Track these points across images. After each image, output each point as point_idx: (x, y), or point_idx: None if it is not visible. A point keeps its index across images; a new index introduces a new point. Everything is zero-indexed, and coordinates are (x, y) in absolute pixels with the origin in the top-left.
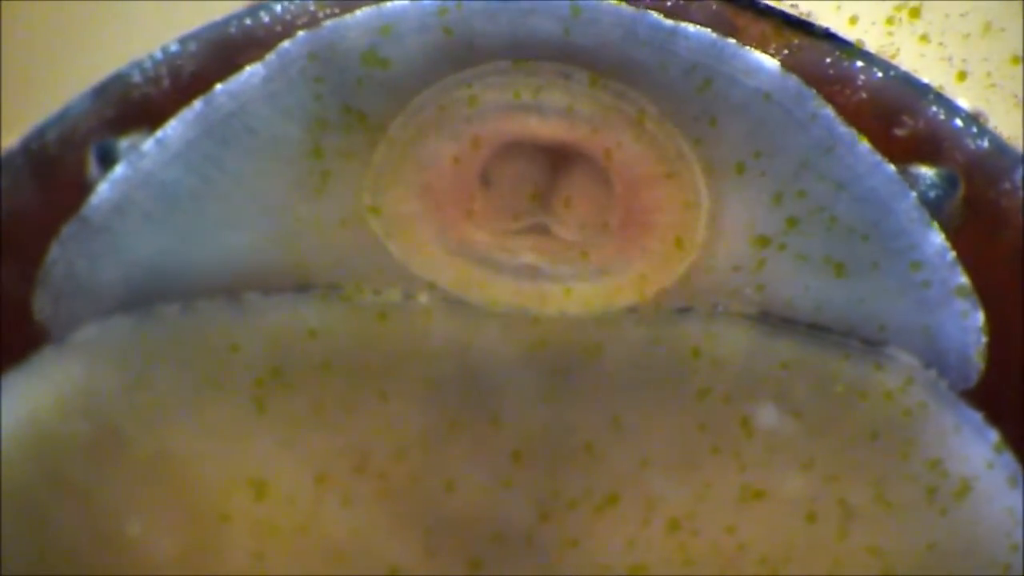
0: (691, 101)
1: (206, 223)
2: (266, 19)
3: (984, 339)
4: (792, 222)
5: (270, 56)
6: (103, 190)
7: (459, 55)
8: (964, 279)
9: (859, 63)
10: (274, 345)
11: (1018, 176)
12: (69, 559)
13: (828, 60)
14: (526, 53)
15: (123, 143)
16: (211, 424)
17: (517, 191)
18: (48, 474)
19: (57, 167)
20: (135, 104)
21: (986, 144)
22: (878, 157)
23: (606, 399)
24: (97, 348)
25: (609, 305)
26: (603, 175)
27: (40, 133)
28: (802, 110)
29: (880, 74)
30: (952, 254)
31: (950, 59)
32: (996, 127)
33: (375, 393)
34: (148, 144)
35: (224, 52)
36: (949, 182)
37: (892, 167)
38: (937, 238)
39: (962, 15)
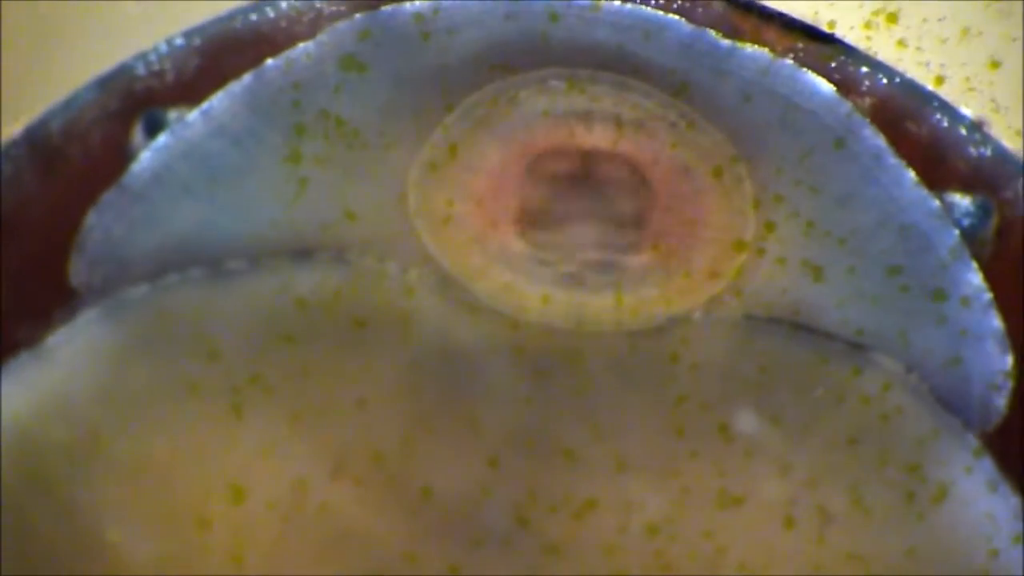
0: (742, 120)
1: (244, 197)
2: (271, 14)
3: (1010, 383)
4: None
5: (320, 35)
6: (144, 158)
7: (437, 60)
8: (998, 322)
9: (864, 69)
10: (253, 350)
11: (1019, 185)
12: (49, 562)
13: (833, 65)
14: (516, 57)
15: (172, 113)
16: (189, 429)
17: (560, 202)
18: (29, 478)
19: (60, 157)
20: (139, 96)
21: (989, 152)
22: (924, 191)
23: (585, 404)
24: (72, 350)
25: (666, 311)
26: (645, 185)
27: (43, 123)
28: (853, 137)
29: (885, 80)
30: (988, 295)
31: (927, 64)
32: None
33: (353, 399)
34: (193, 115)
35: (229, 47)
36: (984, 210)
37: (936, 202)
38: (976, 277)
39: (939, 20)
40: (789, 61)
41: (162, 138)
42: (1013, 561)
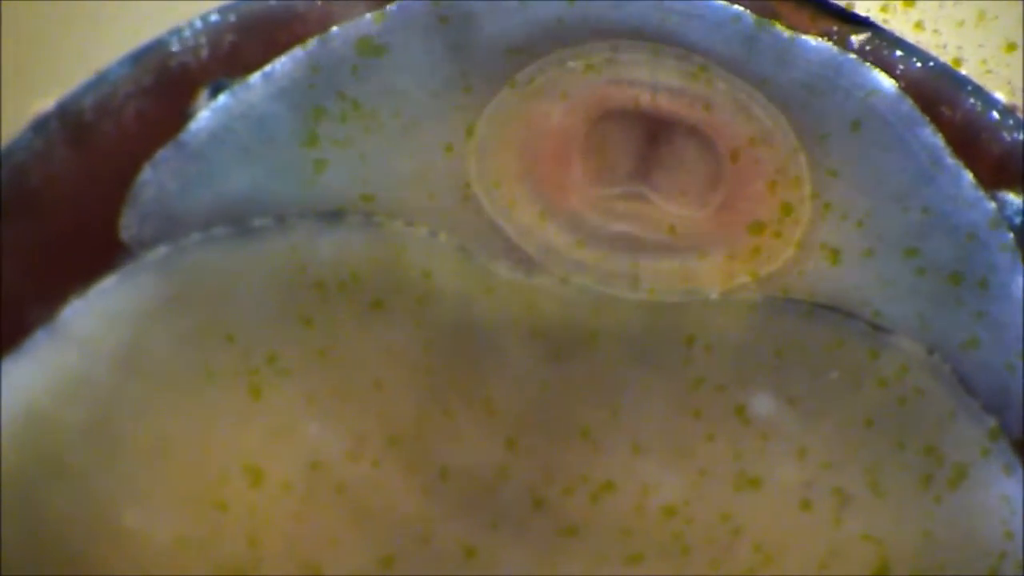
0: (804, 112)
1: (300, 161)
2: None
3: None
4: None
5: (390, 7)
6: (204, 117)
7: (454, 43)
8: None
9: (898, 52)
10: (270, 331)
11: None
12: (63, 545)
13: (867, 48)
14: (535, 40)
15: (238, 83)
16: (206, 411)
17: (616, 159)
18: (43, 460)
19: (92, 132)
20: (173, 72)
21: (1021, 137)
22: (979, 192)
23: (602, 385)
24: (87, 320)
25: (698, 285)
26: (704, 146)
27: (76, 98)
28: (912, 135)
29: (919, 64)
30: None
31: (945, 47)
32: None
33: (369, 380)
34: (255, 77)
35: (264, 24)
36: None
37: (992, 204)
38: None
39: (956, 3)
40: (853, 55)
41: (222, 98)
42: None
